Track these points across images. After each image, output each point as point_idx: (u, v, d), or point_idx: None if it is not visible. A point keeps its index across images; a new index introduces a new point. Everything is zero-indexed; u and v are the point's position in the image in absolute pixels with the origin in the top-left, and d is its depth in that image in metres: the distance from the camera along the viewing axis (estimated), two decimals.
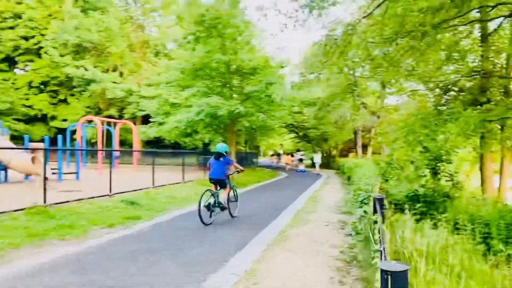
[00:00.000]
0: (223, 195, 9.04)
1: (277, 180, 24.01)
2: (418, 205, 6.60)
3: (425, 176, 7.38)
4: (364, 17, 9.13)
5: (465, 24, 9.34)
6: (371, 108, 29.66)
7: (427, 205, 6.89)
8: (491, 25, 12.99)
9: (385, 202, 4.99)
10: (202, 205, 8.39)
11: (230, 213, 9.44)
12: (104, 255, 5.81)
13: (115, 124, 28.05)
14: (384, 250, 2.53)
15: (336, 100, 29.00)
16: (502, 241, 5.46)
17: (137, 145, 30.49)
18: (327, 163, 44.24)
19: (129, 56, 35.63)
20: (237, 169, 9.88)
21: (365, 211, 5.99)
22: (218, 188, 9.09)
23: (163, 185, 14.32)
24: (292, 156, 47.95)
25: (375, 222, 4.87)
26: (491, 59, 13.44)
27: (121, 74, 36.01)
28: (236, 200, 9.97)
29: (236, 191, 10.16)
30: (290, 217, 9.67)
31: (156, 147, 39.33)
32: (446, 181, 8.03)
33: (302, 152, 56.23)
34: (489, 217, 5.85)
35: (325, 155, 49.78)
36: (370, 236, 4.70)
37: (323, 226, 8.77)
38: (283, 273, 5.22)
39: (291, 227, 8.49)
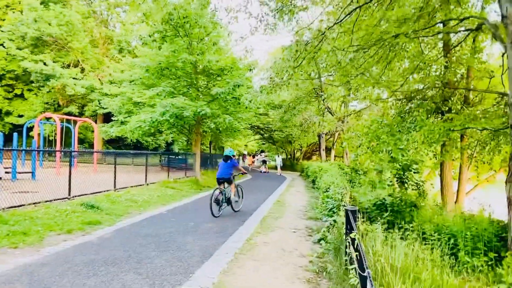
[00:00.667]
0: (232, 191, 10.83)
1: (241, 182, 23.84)
2: (386, 214, 6.59)
3: (393, 185, 7.39)
4: (334, 24, 9.09)
5: (432, 35, 9.48)
6: (335, 113, 30.03)
7: (394, 214, 6.90)
8: (455, 38, 13.34)
9: (359, 214, 4.92)
10: (212, 200, 10.06)
11: (233, 209, 11.06)
12: (60, 266, 5.44)
13: (75, 121, 27.03)
14: (369, 276, 2.38)
15: (302, 103, 29.23)
16: (468, 253, 5.53)
17: (97, 144, 29.56)
18: (291, 165, 44.58)
19: (91, 52, 34.48)
20: (240, 171, 11.41)
21: (334, 221, 5.91)
22: (225, 186, 10.74)
23: (125, 187, 13.87)
24: (254, 157, 48.27)
25: (347, 233, 4.79)
26: (453, 70, 13.83)
27: (82, 70, 34.79)
28: (240, 197, 11.62)
29: (242, 189, 11.81)
30: (257, 223, 9.52)
31: (118, 146, 38.39)
32: (413, 189, 8.09)
33: (265, 154, 56.59)
34: (455, 228, 5.92)
35: (289, 157, 50.20)
36: (343, 250, 4.62)
37: (291, 233, 8.67)
38: (253, 286, 5.05)
39: (258, 234, 8.34)
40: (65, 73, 31.77)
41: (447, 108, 13.82)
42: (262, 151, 66.97)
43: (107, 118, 34.10)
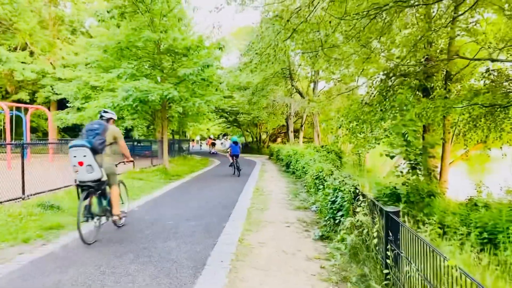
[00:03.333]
0: (238, 161, 18.15)
1: (211, 169, 22.76)
2: (402, 205, 5.75)
3: (408, 172, 6.54)
4: None
5: (425, 5, 8.62)
6: (306, 94, 29.25)
7: (409, 205, 6.09)
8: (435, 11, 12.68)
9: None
10: (233, 167, 17.89)
11: (239, 170, 17.97)
12: None
13: (26, 109, 24.80)
14: None
15: (270, 84, 28.20)
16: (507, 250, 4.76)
17: (52, 133, 27.45)
18: (257, 149, 43.76)
19: (41, 34, 31.82)
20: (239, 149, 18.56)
21: (357, 220, 4.98)
22: (235, 159, 17.89)
23: None
24: (214, 140, 49.55)
25: (388, 241, 3.86)
26: (435, 44, 13.22)
27: (31, 54, 32.16)
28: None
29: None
30: (243, 218, 8.47)
31: (74, 135, 36.08)
32: (424, 175, 7.33)
33: (227, 137, 57.17)
34: (491, 221, 5.13)
35: (255, 140, 49.37)
36: (378, 259, 3.72)
37: (284, 228, 7.72)
38: None
39: (249, 232, 7.31)
40: (12, 57, 29.16)
41: (431, 84, 13.25)
42: (225, 135, 66.61)
43: (62, 104, 31.82)
